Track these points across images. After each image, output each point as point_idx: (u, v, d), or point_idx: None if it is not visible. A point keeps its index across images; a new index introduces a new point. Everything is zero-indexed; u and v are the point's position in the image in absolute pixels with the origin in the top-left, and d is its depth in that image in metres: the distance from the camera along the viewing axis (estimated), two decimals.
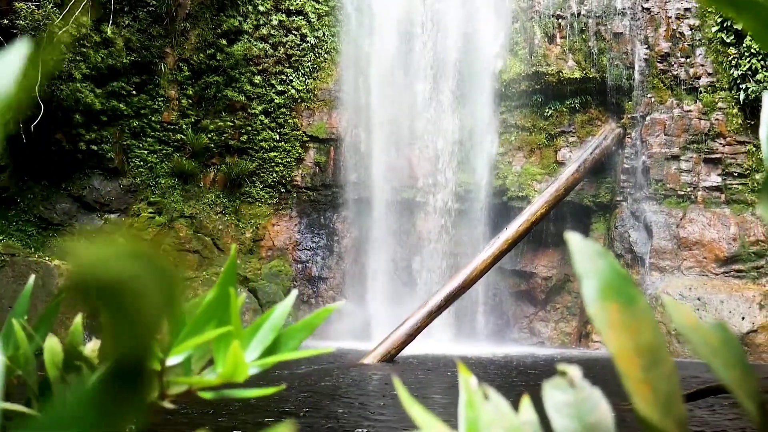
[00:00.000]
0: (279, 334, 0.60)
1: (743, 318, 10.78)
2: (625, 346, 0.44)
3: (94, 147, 12.84)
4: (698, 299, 11.16)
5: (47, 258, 11.14)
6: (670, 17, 12.35)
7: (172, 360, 0.52)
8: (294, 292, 0.70)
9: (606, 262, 0.46)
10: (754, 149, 11.81)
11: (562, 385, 0.48)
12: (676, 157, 12.17)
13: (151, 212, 13.26)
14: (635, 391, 0.43)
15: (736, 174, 11.89)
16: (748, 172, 11.83)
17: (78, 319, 0.69)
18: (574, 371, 0.48)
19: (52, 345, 0.63)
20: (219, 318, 0.58)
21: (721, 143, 11.98)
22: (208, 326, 0.57)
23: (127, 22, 12.95)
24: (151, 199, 13.37)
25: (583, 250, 0.46)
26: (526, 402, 0.52)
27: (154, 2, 13.09)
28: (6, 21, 10.66)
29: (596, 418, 0.46)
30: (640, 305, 0.45)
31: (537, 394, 0.51)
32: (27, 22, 10.46)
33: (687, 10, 12.29)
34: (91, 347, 0.60)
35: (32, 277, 0.82)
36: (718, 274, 11.57)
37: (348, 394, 6.38)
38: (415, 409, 0.47)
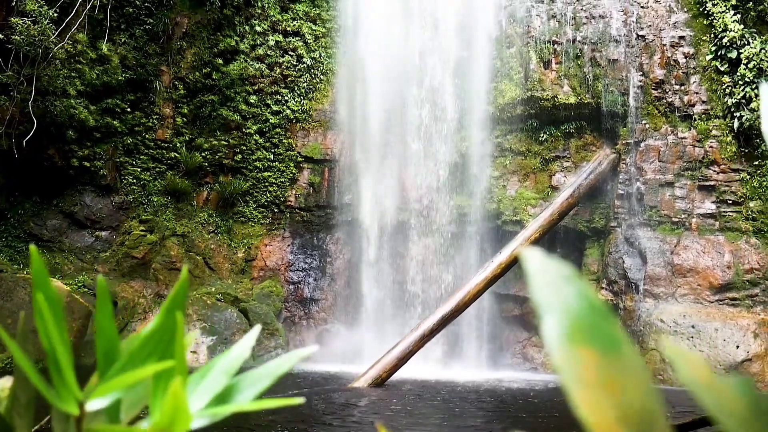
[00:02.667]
0: (234, 381, 0.50)
1: (737, 347, 10.69)
2: (604, 411, 0.29)
3: (87, 163, 12.76)
4: (692, 327, 11.07)
5: None
6: (664, 45, 12.42)
7: (95, 403, 0.43)
8: (257, 328, 0.61)
9: (576, 291, 0.33)
10: (748, 177, 11.82)
11: None
12: (670, 184, 12.16)
13: (142, 230, 13.13)
14: None
15: (730, 201, 11.88)
16: (742, 200, 11.82)
17: None
18: None
19: None
20: (161, 352, 0.48)
21: (715, 170, 11.99)
22: (148, 362, 0.48)
23: (123, 40, 12.94)
24: (143, 216, 13.26)
25: (544, 272, 0.33)
26: None
27: (151, 20, 13.11)
28: (1, 36, 10.63)
29: None
30: (624, 353, 0.32)
31: (528, 424, 0.43)
32: (22, 37, 10.42)
33: (681, 38, 12.36)
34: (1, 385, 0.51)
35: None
36: (712, 302, 11.50)
37: (335, 420, 6.25)
38: None
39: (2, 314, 10.22)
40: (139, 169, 13.48)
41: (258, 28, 13.96)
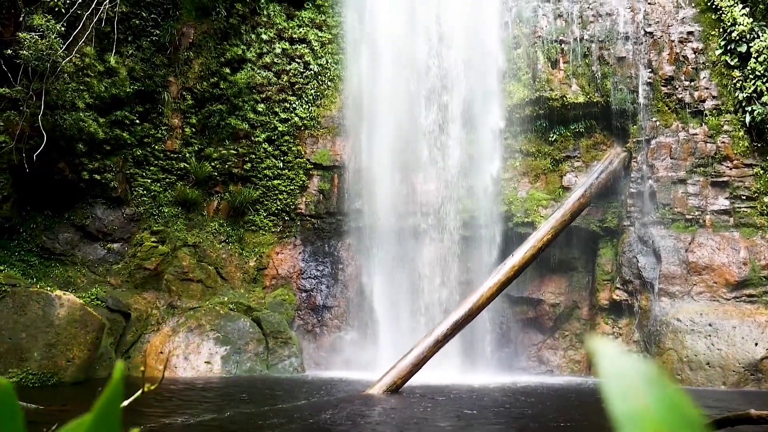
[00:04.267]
0: None
1: (756, 344, 10.54)
2: None
3: (97, 176, 12.80)
4: (710, 325, 10.93)
5: (48, 288, 11.01)
6: (673, 41, 12.32)
7: None
8: (119, 365, 0.49)
9: (665, 397, 0.26)
10: (761, 172, 11.68)
11: None
12: (683, 181, 12.05)
13: (154, 241, 13.15)
14: None
15: (744, 197, 11.74)
16: (756, 195, 11.69)
17: None
18: None
19: None
20: None
21: (728, 166, 11.86)
22: None
23: (130, 52, 12.99)
24: (155, 228, 13.28)
25: (621, 375, 0.25)
26: None
27: (158, 32, 13.16)
28: (9, 51, 10.69)
29: None
30: None
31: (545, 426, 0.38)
32: (31, 52, 10.48)
33: (690, 33, 12.26)
34: None
35: None
36: (729, 299, 11.36)
37: (353, 429, 6.19)
38: None
39: (16, 329, 10.25)
40: (149, 181, 13.51)
41: (264, 37, 13.99)
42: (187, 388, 9.51)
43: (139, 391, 1.10)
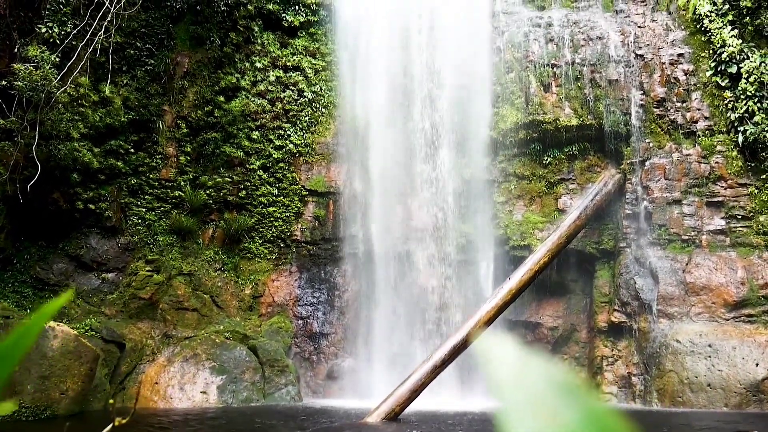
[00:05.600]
0: None
1: (757, 364, 10.46)
2: None
3: (92, 206, 12.75)
4: (709, 346, 10.85)
5: None
6: (663, 63, 12.43)
7: None
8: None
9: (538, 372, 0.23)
10: (756, 191, 11.70)
11: None
12: (677, 202, 12.06)
13: (148, 270, 13.07)
14: None
15: (739, 217, 11.75)
16: (751, 214, 11.69)
17: None
18: None
19: None
20: None
21: (722, 186, 11.88)
22: None
23: (125, 81, 13.05)
24: (149, 257, 13.20)
25: (501, 357, 0.22)
26: None
27: (152, 61, 13.22)
28: (4, 82, 10.72)
29: None
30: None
31: None
32: (25, 83, 10.51)
33: (680, 55, 12.37)
34: None
35: None
36: (728, 320, 11.30)
37: None
38: None
39: None
40: (143, 209, 13.47)
41: (258, 65, 14.07)
42: (181, 422, 9.36)
43: (110, 426, 1.06)
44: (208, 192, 13.80)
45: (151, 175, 13.53)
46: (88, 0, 11.59)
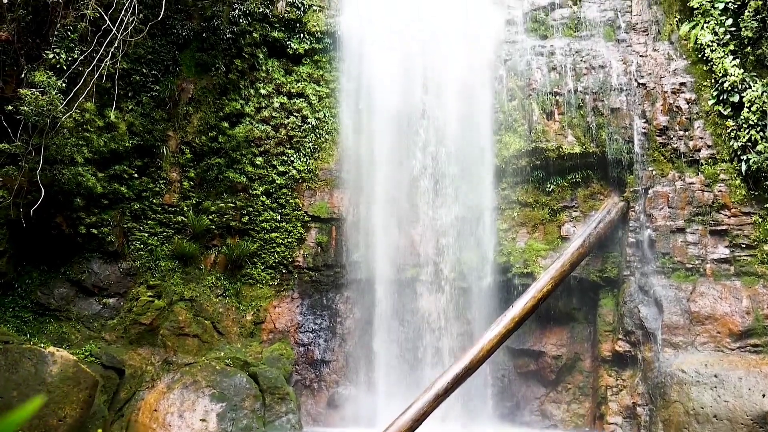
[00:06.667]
0: None
1: (764, 395, 10.32)
2: None
3: (94, 230, 12.75)
4: (715, 376, 10.72)
5: (42, 345, 10.84)
6: (666, 92, 12.48)
7: None
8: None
9: None
10: (760, 220, 11.66)
11: None
12: (681, 230, 12.01)
13: (150, 296, 13.02)
14: None
15: (744, 245, 11.69)
16: (756, 243, 11.63)
17: None
18: None
19: None
20: None
21: (726, 215, 11.84)
22: None
23: (130, 107, 13.14)
24: (151, 282, 13.16)
25: None
26: None
27: (158, 87, 13.33)
28: (10, 107, 10.80)
29: None
30: None
31: None
32: (31, 108, 10.58)
33: (682, 84, 12.43)
34: None
35: None
36: (733, 350, 11.17)
37: None
38: None
39: (8, 387, 10.03)
40: (146, 234, 13.46)
41: (263, 91, 14.17)
42: None
43: None
44: (210, 217, 13.80)
45: (154, 200, 13.55)
46: (95, 27, 11.72)
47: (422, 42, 13.65)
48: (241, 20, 13.85)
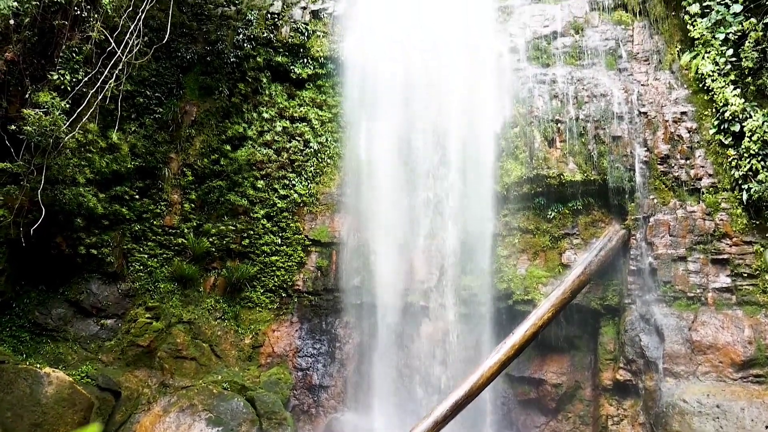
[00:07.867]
0: None
1: (767, 427, 10.19)
2: None
3: (94, 251, 12.72)
4: (717, 407, 10.60)
5: (38, 365, 10.75)
6: (667, 121, 12.54)
7: None
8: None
9: None
10: (761, 249, 11.63)
11: None
12: (683, 258, 11.97)
13: (148, 317, 12.94)
14: None
15: (745, 275, 11.64)
16: (757, 272, 11.59)
17: None
18: None
19: None
20: None
21: (727, 243, 11.81)
22: None
23: (133, 129, 13.20)
24: (150, 303, 13.10)
25: None
26: None
27: (161, 109, 13.41)
28: (13, 127, 10.84)
29: None
30: None
31: None
32: (34, 128, 10.62)
33: (683, 113, 12.50)
34: None
35: None
36: (736, 380, 11.06)
37: None
38: None
39: (2, 407, 9.93)
40: (146, 256, 13.43)
41: (266, 115, 14.25)
42: None
43: None
44: (211, 240, 13.78)
45: (154, 222, 13.54)
46: (101, 49, 11.83)
47: (425, 68, 13.75)
48: (245, 44, 13.98)
